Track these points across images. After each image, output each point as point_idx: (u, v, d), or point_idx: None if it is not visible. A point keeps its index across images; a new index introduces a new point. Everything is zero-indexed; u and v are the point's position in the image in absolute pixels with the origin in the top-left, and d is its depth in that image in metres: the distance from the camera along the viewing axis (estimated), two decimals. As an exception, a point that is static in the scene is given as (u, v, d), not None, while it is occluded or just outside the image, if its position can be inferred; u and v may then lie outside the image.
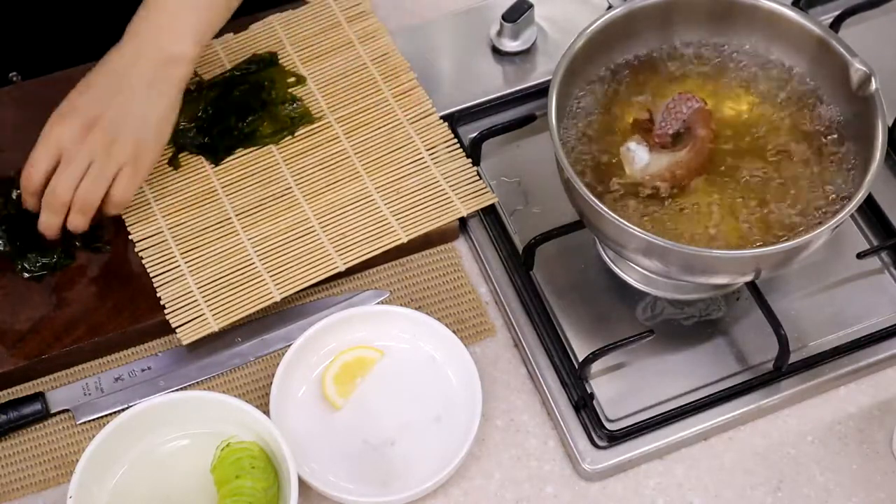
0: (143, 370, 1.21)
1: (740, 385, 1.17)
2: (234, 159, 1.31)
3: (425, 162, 1.30)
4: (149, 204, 1.28)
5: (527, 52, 1.39)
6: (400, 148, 1.31)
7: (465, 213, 1.27)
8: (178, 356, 1.21)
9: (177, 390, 1.19)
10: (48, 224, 1.19)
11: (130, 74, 1.16)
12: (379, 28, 1.40)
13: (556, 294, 1.24)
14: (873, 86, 1.13)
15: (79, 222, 1.18)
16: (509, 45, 1.39)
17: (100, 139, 1.15)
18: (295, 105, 1.33)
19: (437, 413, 1.17)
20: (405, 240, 1.25)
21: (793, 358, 1.17)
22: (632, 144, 1.17)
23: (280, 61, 1.36)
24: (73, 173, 1.15)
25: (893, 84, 1.25)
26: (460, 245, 1.29)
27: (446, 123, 1.33)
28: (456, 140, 1.32)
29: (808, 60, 1.21)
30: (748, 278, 1.17)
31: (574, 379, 1.17)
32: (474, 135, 1.32)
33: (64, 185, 1.16)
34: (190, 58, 1.17)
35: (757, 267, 1.13)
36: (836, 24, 1.36)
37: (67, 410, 1.19)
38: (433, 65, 1.39)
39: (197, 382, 1.20)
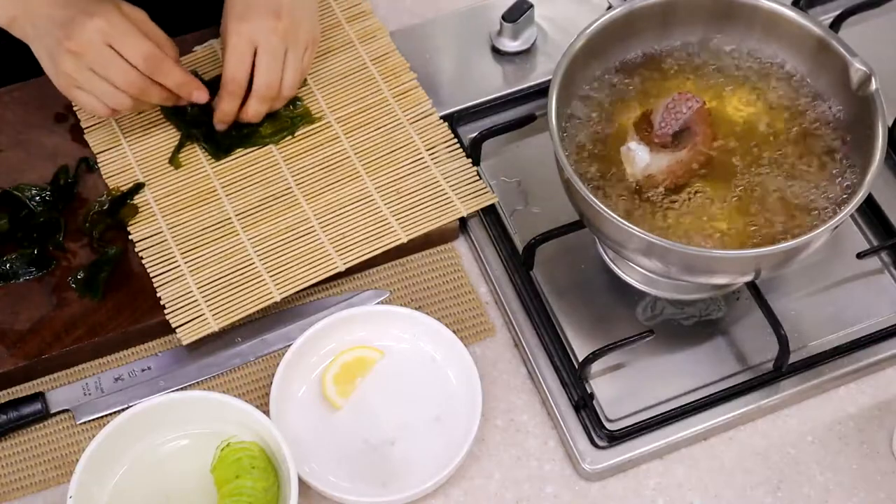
0: (143, 370, 1.21)
1: (740, 385, 1.17)
2: (233, 159, 1.31)
3: (425, 162, 1.30)
4: (149, 204, 1.28)
5: (527, 52, 1.39)
6: (400, 148, 1.31)
7: (465, 213, 1.27)
8: (178, 356, 1.21)
9: (177, 390, 1.19)
10: (258, 113, 1.27)
11: None
12: (379, 28, 1.40)
13: (556, 294, 1.24)
14: (873, 86, 1.13)
15: (280, 105, 1.29)
16: (509, 45, 1.39)
17: (289, 26, 1.23)
18: (295, 105, 1.33)
19: (437, 413, 1.17)
20: (405, 240, 1.25)
21: (793, 358, 1.17)
22: (632, 144, 1.17)
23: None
24: (278, 64, 1.24)
25: (893, 84, 1.25)
26: (460, 245, 1.29)
27: (446, 123, 1.33)
28: (456, 140, 1.32)
29: (808, 60, 1.21)
30: (748, 278, 1.17)
31: (574, 379, 1.17)
32: (474, 135, 1.32)
33: (275, 77, 1.24)
34: None
35: (757, 267, 1.13)
36: (836, 24, 1.36)
37: (67, 410, 1.19)
38: (433, 65, 1.39)
39: (197, 382, 1.20)
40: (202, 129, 1.31)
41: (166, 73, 1.21)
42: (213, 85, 1.34)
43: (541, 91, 1.34)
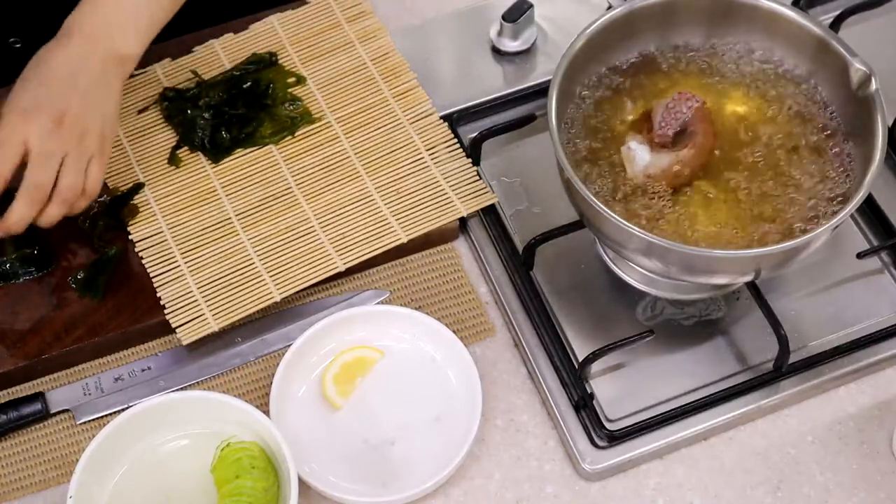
0: (143, 370, 1.21)
1: (740, 385, 1.17)
2: (233, 159, 1.31)
3: (425, 162, 1.30)
4: (149, 204, 1.28)
5: (527, 52, 1.39)
6: (400, 148, 1.31)
7: (465, 213, 1.27)
8: (178, 356, 1.21)
9: (177, 390, 1.19)
10: (22, 217, 1.16)
11: (83, 71, 1.17)
12: (379, 28, 1.40)
13: (556, 294, 1.24)
14: (873, 86, 1.13)
15: (56, 214, 1.17)
16: (509, 45, 1.39)
17: (72, 133, 1.15)
18: (295, 105, 1.33)
19: (437, 413, 1.17)
20: (405, 240, 1.25)
21: (793, 358, 1.17)
22: (632, 144, 1.17)
23: (280, 61, 1.36)
24: (53, 166, 1.15)
25: (893, 84, 1.25)
26: (460, 245, 1.29)
27: (446, 123, 1.33)
28: (456, 140, 1.32)
29: (808, 60, 1.21)
30: (748, 278, 1.17)
31: (574, 379, 1.17)
32: (474, 135, 1.32)
33: (47, 178, 1.15)
34: (136, 56, 1.20)
35: (757, 267, 1.13)
36: (836, 24, 1.36)
37: (67, 410, 1.19)
38: (433, 65, 1.39)
39: (197, 382, 1.20)
40: (200, 133, 1.31)
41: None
42: (214, 85, 1.34)
43: (541, 91, 1.34)
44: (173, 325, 1.20)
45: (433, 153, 1.31)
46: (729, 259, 1.11)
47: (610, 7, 1.25)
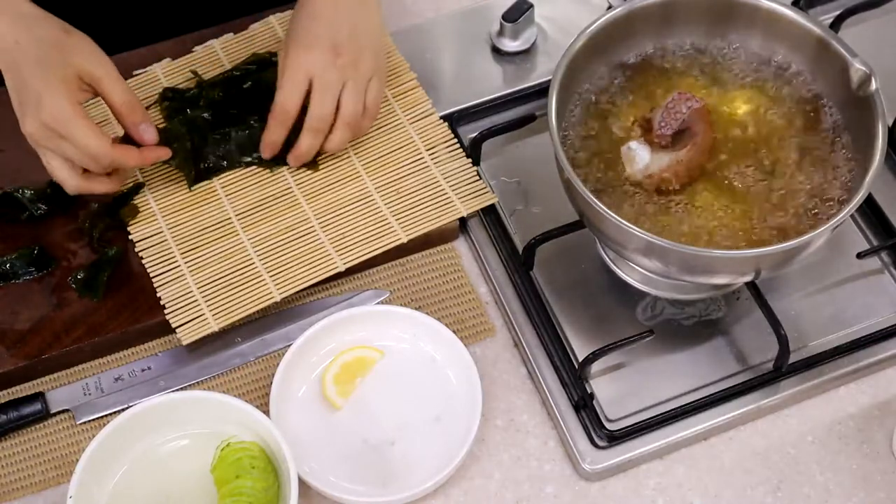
0: (143, 370, 1.21)
1: (740, 385, 1.17)
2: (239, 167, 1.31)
3: (425, 162, 1.30)
4: (149, 204, 1.28)
5: (527, 52, 1.39)
6: (400, 148, 1.31)
7: (465, 213, 1.27)
8: (178, 356, 1.21)
9: (177, 390, 1.19)
10: (311, 147, 1.25)
11: None
12: (379, 28, 1.40)
13: (556, 294, 1.24)
14: (873, 86, 1.13)
15: (341, 139, 1.24)
16: (509, 45, 1.39)
17: (349, 60, 1.21)
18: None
19: (437, 413, 1.17)
20: (405, 240, 1.25)
21: (793, 358, 1.17)
22: (632, 144, 1.17)
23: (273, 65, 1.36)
24: (334, 96, 1.21)
25: (893, 84, 1.25)
26: (460, 245, 1.29)
27: (446, 123, 1.33)
28: (456, 140, 1.32)
29: (808, 60, 1.21)
30: (748, 278, 1.17)
31: (574, 379, 1.17)
32: (474, 135, 1.32)
33: (329, 109, 1.22)
34: None
35: (757, 267, 1.13)
36: (836, 24, 1.36)
37: (67, 410, 1.19)
38: (433, 65, 1.39)
39: (197, 382, 1.20)
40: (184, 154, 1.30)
41: (120, 162, 1.18)
42: (214, 85, 1.34)
43: (541, 91, 1.34)
44: (173, 325, 1.20)
45: (433, 153, 1.31)
46: (729, 259, 1.11)
47: (610, 7, 1.25)
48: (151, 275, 1.23)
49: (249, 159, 1.29)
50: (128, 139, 1.21)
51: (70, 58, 1.15)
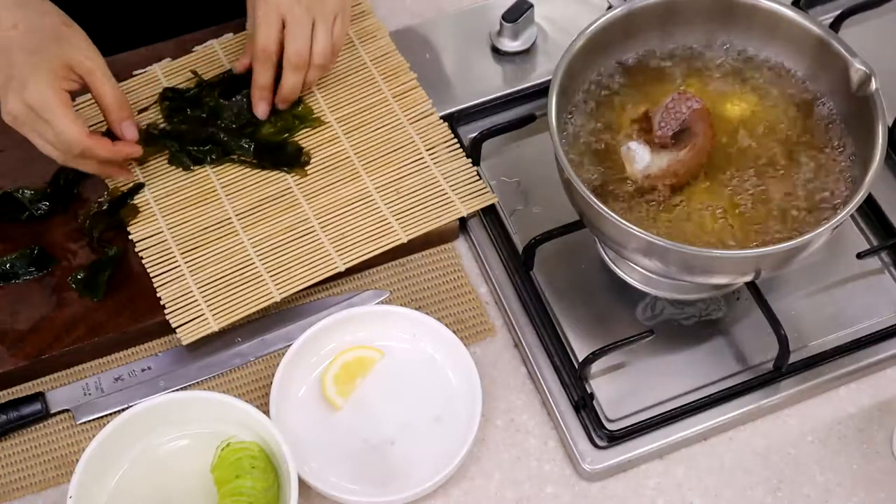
0: (143, 370, 1.21)
1: (740, 385, 1.17)
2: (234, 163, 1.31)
3: (425, 162, 1.30)
4: (149, 204, 1.28)
5: (527, 52, 1.39)
6: (400, 148, 1.31)
7: (465, 213, 1.27)
8: (178, 356, 1.21)
9: (177, 390, 1.19)
10: (294, 84, 1.27)
11: None
12: (379, 28, 1.40)
13: (556, 294, 1.24)
14: (873, 86, 1.13)
15: (314, 77, 1.28)
16: (509, 45, 1.39)
17: None
18: (295, 105, 1.33)
19: (437, 413, 1.17)
20: (405, 240, 1.25)
21: (793, 358, 1.17)
22: (632, 144, 1.17)
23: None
24: (306, 32, 1.24)
25: (893, 84, 1.25)
26: (460, 245, 1.29)
27: (446, 123, 1.33)
28: (456, 140, 1.32)
29: (808, 60, 1.21)
30: (748, 278, 1.17)
31: (574, 379, 1.17)
32: (474, 135, 1.32)
33: (304, 44, 1.24)
34: None
35: (757, 267, 1.13)
36: (836, 24, 1.36)
37: (67, 410, 1.19)
38: (433, 65, 1.39)
39: (197, 382, 1.20)
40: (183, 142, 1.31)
41: (91, 156, 1.19)
42: (214, 85, 1.34)
43: (541, 91, 1.34)
44: (173, 325, 1.20)
45: (433, 153, 1.31)
46: (729, 259, 1.11)
47: (610, 7, 1.25)
48: (151, 275, 1.23)
49: (245, 145, 1.30)
50: (110, 136, 1.23)
51: (64, 48, 1.17)
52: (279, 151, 1.30)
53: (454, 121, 1.34)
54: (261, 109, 1.30)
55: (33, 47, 1.16)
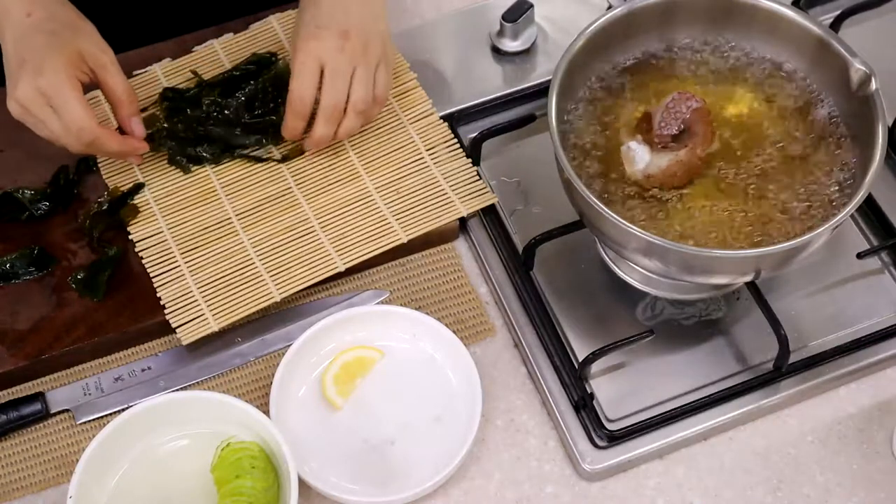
0: (143, 370, 1.21)
1: (740, 385, 1.17)
2: (233, 159, 1.31)
3: (425, 162, 1.30)
4: (149, 204, 1.28)
5: (527, 52, 1.39)
6: (400, 148, 1.31)
7: (465, 213, 1.27)
8: (178, 356, 1.21)
9: (177, 390, 1.19)
10: (325, 134, 1.25)
11: None
12: (379, 28, 1.40)
13: (556, 294, 1.24)
14: (873, 86, 1.13)
15: (353, 126, 1.25)
16: (509, 45, 1.39)
17: (358, 46, 1.21)
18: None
19: (437, 413, 1.17)
20: (405, 240, 1.25)
21: (793, 358, 1.17)
22: (632, 144, 1.17)
23: (280, 61, 1.36)
24: (345, 82, 1.22)
25: (893, 84, 1.25)
26: (460, 245, 1.29)
27: (446, 123, 1.33)
28: (456, 140, 1.32)
29: (808, 60, 1.21)
30: (748, 278, 1.17)
31: (574, 379, 1.17)
32: (474, 135, 1.32)
33: (341, 96, 1.22)
34: None
35: (757, 267, 1.13)
36: (836, 24, 1.36)
37: (67, 410, 1.19)
38: (433, 65, 1.39)
39: (197, 382, 1.20)
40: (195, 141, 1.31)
41: (99, 147, 1.19)
42: (214, 85, 1.34)
43: (541, 91, 1.34)
44: (173, 325, 1.20)
45: (433, 153, 1.31)
46: (729, 259, 1.11)
47: (610, 7, 1.25)
48: (151, 275, 1.23)
49: (247, 142, 1.30)
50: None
51: (79, 39, 1.18)
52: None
53: (454, 121, 1.34)
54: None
55: (50, 31, 1.16)
